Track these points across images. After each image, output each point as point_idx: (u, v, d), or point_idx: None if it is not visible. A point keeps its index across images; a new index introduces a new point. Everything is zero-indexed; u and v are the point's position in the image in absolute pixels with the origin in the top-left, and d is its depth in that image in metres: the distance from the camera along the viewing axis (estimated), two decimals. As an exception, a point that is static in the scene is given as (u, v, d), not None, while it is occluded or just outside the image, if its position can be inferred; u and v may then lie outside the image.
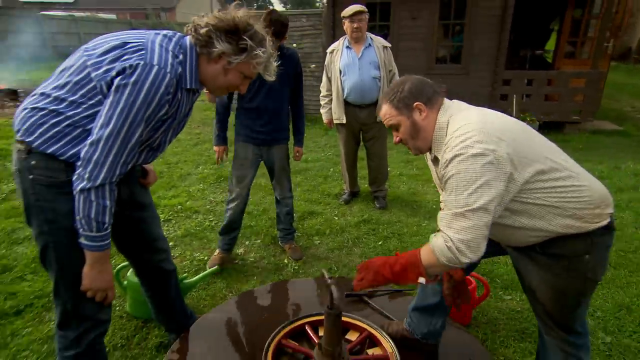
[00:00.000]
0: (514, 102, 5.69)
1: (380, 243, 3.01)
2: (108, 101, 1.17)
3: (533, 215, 1.24)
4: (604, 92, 7.61)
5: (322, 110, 3.54)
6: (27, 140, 1.20)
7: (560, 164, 1.24)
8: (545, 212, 1.22)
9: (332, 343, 1.50)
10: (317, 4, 36.74)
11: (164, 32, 1.32)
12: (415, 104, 1.32)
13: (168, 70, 1.21)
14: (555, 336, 1.42)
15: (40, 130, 1.20)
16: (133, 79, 1.16)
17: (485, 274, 2.55)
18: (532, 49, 8.08)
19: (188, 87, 1.31)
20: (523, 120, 1.13)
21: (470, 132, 1.19)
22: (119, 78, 1.17)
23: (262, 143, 2.57)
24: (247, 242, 3.00)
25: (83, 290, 1.29)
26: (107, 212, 1.21)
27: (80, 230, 1.20)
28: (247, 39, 1.28)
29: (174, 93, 1.26)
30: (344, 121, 3.37)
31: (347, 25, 3.20)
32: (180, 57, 1.28)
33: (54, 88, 1.22)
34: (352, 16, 3.12)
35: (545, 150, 1.26)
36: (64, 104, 1.20)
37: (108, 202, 1.20)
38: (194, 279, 2.18)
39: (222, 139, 2.62)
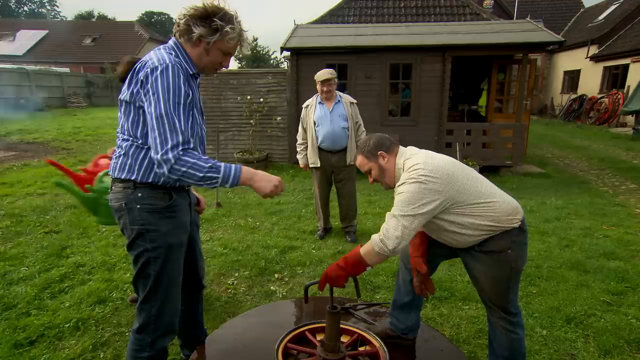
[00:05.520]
0: (457, 149, 6.56)
1: (355, 270, 3.41)
2: (149, 96, 1.38)
3: (466, 222, 1.70)
4: (529, 141, 8.90)
5: (298, 156, 4.03)
6: (132, 177, 1.48)
7: (483, 187, 1.72)
8: (473, 219, 1.70)
9: (333, 338, 1.85)
10: (272, 62, 38.83)
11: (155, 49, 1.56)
12: (379, 152, 1.83)
13: (174, 63, 1.43)
14: (497, 316, 1.87)
15: (136, 166, 1.49)
16: (158, 72, 1.38)
17: (447, 289, 3.03)
18: (468, 104, 9.33)
19: (191, 72, 1.53)
20: (466, 164, 1.49)
21: (417, 165, 1.69)
22: (147, 82, 1.39)
23: None
24: (236, 274, 3.27)
25: (272, 195, 1.49)
26: (203, 162, 1.37)
27: (216, 183, 1.39)
28: (217, 20, 1.47)
29: (187, 80, 1.47)
30: (318, 165, 3.88)
31: (319, 87, 3.81)
32: (173, 53, 1.51)
33: (126, 134, 1.51)
34: (323, 82, 3.74)
35: (471, 179, 1.70)
36: (139, 140, 1.48)
37: (193, 160, 1.36)
38: None
39: None
